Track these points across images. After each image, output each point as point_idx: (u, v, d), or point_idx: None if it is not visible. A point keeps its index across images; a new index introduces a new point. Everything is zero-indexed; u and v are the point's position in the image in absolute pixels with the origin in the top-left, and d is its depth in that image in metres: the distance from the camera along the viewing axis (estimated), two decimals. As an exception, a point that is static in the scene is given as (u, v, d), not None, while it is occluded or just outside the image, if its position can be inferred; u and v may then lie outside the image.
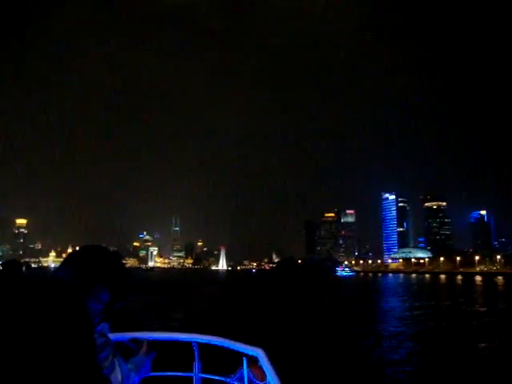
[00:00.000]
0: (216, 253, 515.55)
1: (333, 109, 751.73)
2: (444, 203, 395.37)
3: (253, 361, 3.51)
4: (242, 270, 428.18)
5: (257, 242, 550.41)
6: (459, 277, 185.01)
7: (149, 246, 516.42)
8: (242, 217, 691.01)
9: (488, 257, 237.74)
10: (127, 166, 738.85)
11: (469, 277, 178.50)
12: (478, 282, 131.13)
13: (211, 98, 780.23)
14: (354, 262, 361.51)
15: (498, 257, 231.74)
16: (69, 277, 1.87)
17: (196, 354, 3.79)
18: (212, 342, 3.78)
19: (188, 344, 3.77)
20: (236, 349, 3.60)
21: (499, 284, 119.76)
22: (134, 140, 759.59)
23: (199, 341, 3.79)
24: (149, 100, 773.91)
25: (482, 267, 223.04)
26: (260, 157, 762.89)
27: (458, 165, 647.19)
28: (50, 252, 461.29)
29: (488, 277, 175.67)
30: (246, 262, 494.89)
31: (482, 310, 48.84)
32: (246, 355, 3.56)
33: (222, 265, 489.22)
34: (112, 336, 2.20)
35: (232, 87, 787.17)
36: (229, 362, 3.79)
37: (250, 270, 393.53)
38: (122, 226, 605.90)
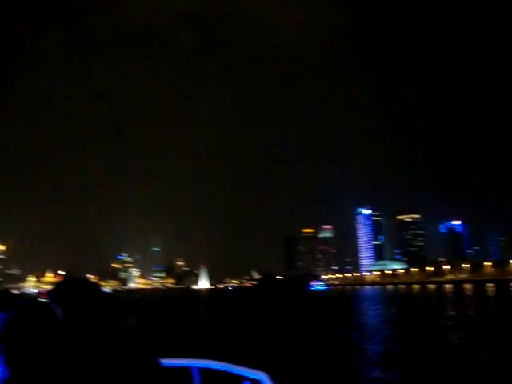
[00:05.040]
0: (196, 272, 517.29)
1: (309, 126, 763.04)
2: (417, 215, 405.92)
3: None
4: (223, 287, 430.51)
5: (237, 259, 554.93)
6: (431, 286, 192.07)
7: (129, 267, 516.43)
8: (222, 235, 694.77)
9: (458, 266, 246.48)
10: (104, 188, 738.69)
11: (440, 285, 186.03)
12: (447, 290, 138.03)
13: (187, 114, 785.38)
14: (332, 276, 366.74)
15: (467, 265, 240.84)
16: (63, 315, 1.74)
17: (196, 379, 3.59)
18: (212, 367, 3.56)
19: (186, 370, 3.56)
20: (238, 373, 3.42)
21: (467, 291, 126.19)
22: (111, 163, 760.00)
23: (199, 366, 3.60)
24: (125, 117, 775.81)
25: (452, 276, 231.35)
26: (237, 174, 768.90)
27: (431, 177, 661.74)
28: (29, 277, 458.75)
29: (457, 285, 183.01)
30: (226, 280, 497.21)
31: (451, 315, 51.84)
32: (249, 379, 3.33)
33: (203, 284, 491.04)
34: None
35: (205, 101, 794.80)
36: None
37: (228, 287, 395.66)
38: (101, 247, 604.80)
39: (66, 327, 1.78)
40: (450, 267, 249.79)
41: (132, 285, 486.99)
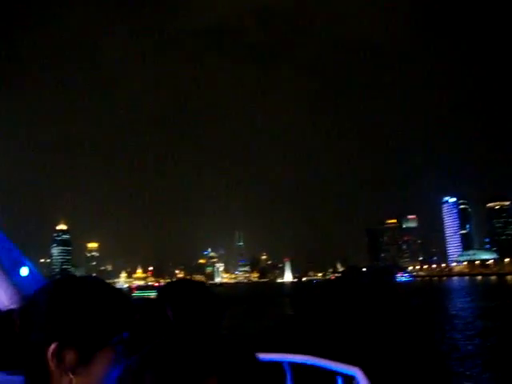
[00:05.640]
0: (280, 265, 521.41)
1: (389, 113, 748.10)
2: (507, 202, 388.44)
3: (349, 381, 3.22)
4: (307, 281, 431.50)
5: (321, 252, 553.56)
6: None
7: (214, 262, 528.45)
8: (305, 228, 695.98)
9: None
10: (189, 186, 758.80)
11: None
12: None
13: (261, 111, 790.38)
14: (418, 267, 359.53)
15: None
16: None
17: (288, 374, 3.51)
18: (305, 362, 3.52)
19: (278, 364, 3.46)
20: (331, 368, 3.33)
21: None
22: (195, 158, 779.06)
23: (291, 361, 3.54)
24: (201, 114, 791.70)
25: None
26: (318, 167, 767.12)
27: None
28: (121, 273, 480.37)
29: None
30: (310, 273, 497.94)
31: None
32: (342, 375, 3.28)
33: (288, 277, 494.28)
34: None
35: (278, 100, 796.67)
36: (322, 382, 3.67)
37: (313, 281, 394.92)
38: (187, 244, 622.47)
39: (175, 326, 1.86)
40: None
41: (218, 279, 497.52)
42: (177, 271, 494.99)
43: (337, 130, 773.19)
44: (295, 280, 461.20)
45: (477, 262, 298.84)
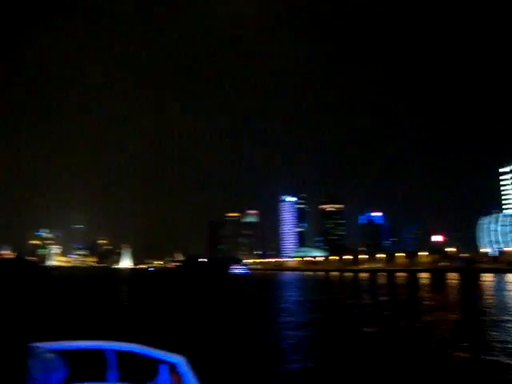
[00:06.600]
0: (119, 251, 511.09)
1: (235, 113, 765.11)
2: (341, 205, 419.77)
3: (173, 368, 3.33)
4: (145, 268, 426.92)
5: (161, 240, 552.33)
6: (348, 274, 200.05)
7: (49, 244, 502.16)
8: (146, 216, 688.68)
9: (374, 255, 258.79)
10: (25, 163, 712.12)
11: (356, 274, 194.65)
12: (361, 278, 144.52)
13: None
14: (255, 261, 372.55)
15: (383, 255, 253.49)
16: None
17: (112, 362, 3.54)
18: (129, 349, 3.54)
19: (99, 352, 3.50)
20: (155, 356, 3.42)
21: (380, 279, 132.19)
22: (27, 136, 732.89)
23: (115, 348, 3.54)
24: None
25: (368, 265, 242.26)
26: (163, 156, 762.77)
27: (356, 169, 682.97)
28: None
29: (372, 273, 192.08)
30: (149, 261, 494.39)
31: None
32: (166, 362, 3.37)
33: (126, 263, 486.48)
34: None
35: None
36: (146, 370, 3.61)
37: (148, 268, 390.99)
38: (18, 222, 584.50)
39: None
40: (367, 257, 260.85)
41: (51, 262, 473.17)
42: (4, 252, 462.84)
43: (196, 124, 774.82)
44: (133, 267, 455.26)
45: (308, 259, 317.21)
